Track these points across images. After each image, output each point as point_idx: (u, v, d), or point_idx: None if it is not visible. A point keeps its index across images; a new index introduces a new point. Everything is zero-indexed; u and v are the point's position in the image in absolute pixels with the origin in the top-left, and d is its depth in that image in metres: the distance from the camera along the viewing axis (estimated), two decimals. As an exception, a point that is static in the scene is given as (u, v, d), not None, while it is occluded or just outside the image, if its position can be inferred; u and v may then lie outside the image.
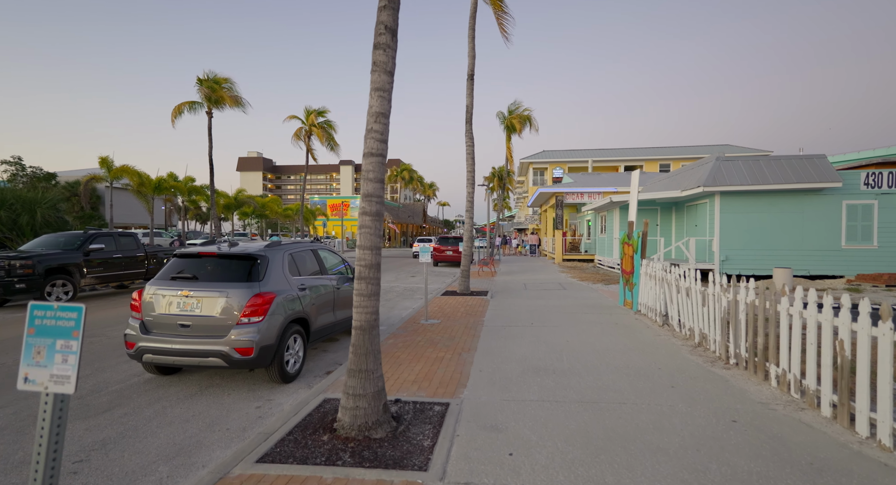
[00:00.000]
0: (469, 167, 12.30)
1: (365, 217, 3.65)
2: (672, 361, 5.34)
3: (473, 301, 10.64)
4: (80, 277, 10.79)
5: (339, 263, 7.14)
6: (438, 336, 6.95)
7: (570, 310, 9.27)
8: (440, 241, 24.10)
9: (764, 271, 14.04)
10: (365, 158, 3.73)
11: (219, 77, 20.23)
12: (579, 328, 7.37)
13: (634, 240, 9.05)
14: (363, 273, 3.64)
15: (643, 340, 6.48)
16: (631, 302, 9.18)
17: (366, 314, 3.62)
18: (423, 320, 8.21)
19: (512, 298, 11.31)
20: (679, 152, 45.65)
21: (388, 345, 6.40)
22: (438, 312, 9.14)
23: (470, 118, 12.32)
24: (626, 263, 9.49)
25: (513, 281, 15.41)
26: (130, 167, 19.13)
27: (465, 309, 9.54)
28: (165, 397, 4.53)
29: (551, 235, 28.30)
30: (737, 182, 13.81)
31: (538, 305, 10.04)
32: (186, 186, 23.82)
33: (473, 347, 6.25)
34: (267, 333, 4.61)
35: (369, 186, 3.66)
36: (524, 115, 30.05)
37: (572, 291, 12.51)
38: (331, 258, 7.01)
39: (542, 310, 9.32)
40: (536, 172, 48.39)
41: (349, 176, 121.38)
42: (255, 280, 4.81)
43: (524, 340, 6.56)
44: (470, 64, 12.18)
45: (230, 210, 28.33)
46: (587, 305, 9.85)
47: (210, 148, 20.54)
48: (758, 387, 4.33)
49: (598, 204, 19.54)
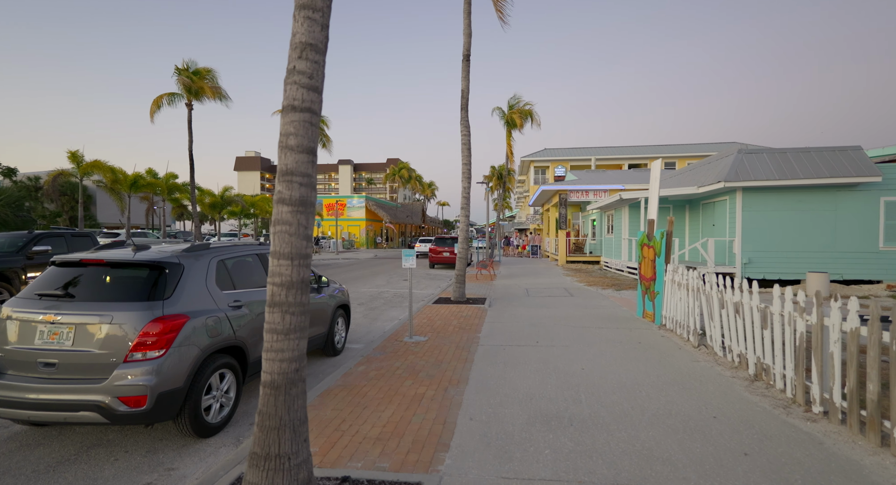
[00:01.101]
0: (465, 159, 10.96)
1: (282, 207, 2.32)
2: (729, 404, 4.00)
3: (469, 311, 9.30)
4: (20, 284, 9.46)
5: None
6: (422, 360, 5.61)
7: (580, 323, 7.92)
8: (437, 241, 22.79)
9: (791, 275, 12.70)
10: (284, 115, 2.39)
11: (199, 67, 18.90)
12: (596, 349, 6.03)
13: (657, 241, 7.71)
14: (278, 296, 2.32)
15: (679, 367, 5.14)
16: (652, 314, 7.84)
17: (281, 363, 2.28)
18: (407, 338, 6.87)
19: (513, 306, 9.96)
20: (684, 150, 44.34)
21: (357, 374, 5.06)
22: (427, 326, 7.79)
23: (466, 104, 10.98)
24: (646, 268, 8.14)
25: (514, 286, 14.07)
26: (103, 162, 17.76)
27: (459, 321, 8.20)
28: (18, 468, 3.19)
29: (554, 235, 26.95)
30: (762, 177, 12.46)
31: (543, 316, 8.69)
32: (167, 184, 22.45)
33: (464, 377, 4.91)
34: (170, 372, 3.28)
35: (290, 158, 2.33)
36: (525, 110, 28.73)
37: (580, 297, 11.16)
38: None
39: (547, 323, 7.98)
40: (538, 171, 47.08)
41: (348, 175, 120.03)
42: (159, 298, 3.47)
43: (528, 368, 5.22)
44: (466, 43, 10.85)
45: (216, 209, 26.95)
46: (600, 317, 8.50)
47: (190, 143, 19.20)
48: (874, 458, 2.98)
49: (606, 202, 18.20)
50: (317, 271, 6.04)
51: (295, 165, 2.31)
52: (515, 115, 28.08)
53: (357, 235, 51.02)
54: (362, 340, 7.30)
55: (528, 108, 28.69)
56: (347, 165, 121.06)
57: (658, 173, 8.41)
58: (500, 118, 29.29)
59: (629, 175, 25.73)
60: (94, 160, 17.51)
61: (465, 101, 10.99)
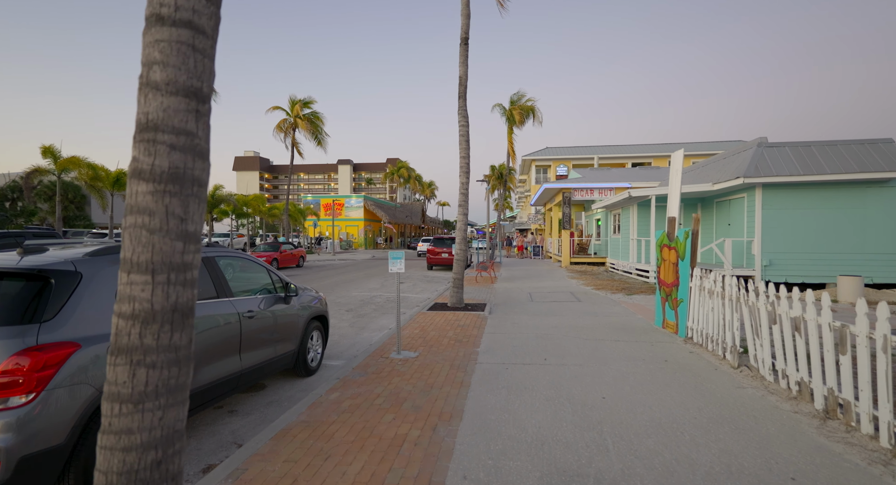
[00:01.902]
0: (463, 152, 10.02)
1: (138, 185, 1.39)
2: (805, 457, 3.06)
3: (467, 319, 8.36)
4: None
5: (264, 277, 4.90)
6: (409, 384, 4.67)
7: (593, 334, 6.97)
8: (436, 242, 21.87)
9: (815, 279, 11.75)
10: (146, 32, 1.45)
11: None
12: (616, 370, 5.09)
13: (680, 242, 6.76)
14: (125, 337, 1.38)
15: (723, 397, 4.19)
16: (674, 324, 6.90)
17: (125, 455, 1.34)
18: (395, 353, 5.93)
19: (515, 313, 9.02)
20: (689, 148, 43.35)
21: (327, 405, 4.12)
22: (419, 338, 6.85)
23: (464, 92, 10.05)
24: (667, 272, 7.20)
25: (515, 289, 13.13)
26: (81, 158, 16.78)
27: (455, 332, 7.26)
28: None
29: (557, 235, 26.01)
30: (785, 172, 11.52)
31: (549, 325, 7.75)
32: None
33: (458, 409, 3.98)
34: (43, 425, 2.35)
35: (154, 103, 1.41)
36: (527, 106, 27.80)
37: (589, 303, 10.22)
38: (247, 271, 4.77)
39: (555, 334, 7.04)
40: (539, 170, 46.17)
41: (347, 175, 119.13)
42: (35, 319, 2.54)
43: (537, 396, 4.28)
44: (464, 25, 9.93)
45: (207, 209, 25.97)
46: (614, 326, 7.56)
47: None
48: None
49: (612, 200, 17.26)
50: (284, 277, 5.11)
51: (163, 114, 1.38)
52: (517, 111, 27.16)
53: (355, 235, 50.12)
54: (344, 356, 6.36)
55: (530, 104, 27.77)
56: (347, 164, 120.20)
57: (679, 165, 7.46)
58: (502, 114, 28.38)
59: (635, 173, 24.79)
60: (71, 156, 16.50)
61: (464, 90, 10.07)
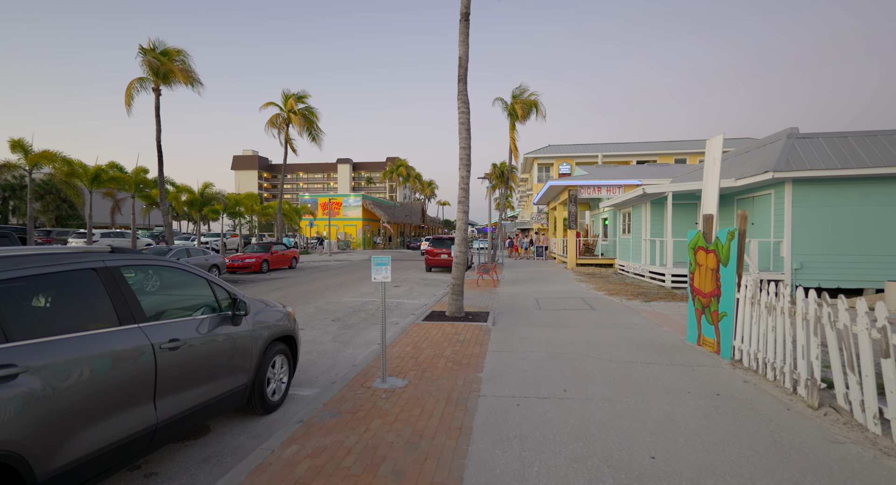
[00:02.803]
0: (463, 142, 8.92)
1: None
2: None
3: (467, 332, 7.26)
4: None
5: (201, 292, 3.80)
6: (391, 433, 3.57)
7: (618, 354, 5.87)
8: (434, 242, 20.77)
9: (852, 283, 10.65)
10: None
11: (168, 47, 16.85)
12: (658, 408, 3.98)
13: (721, 244, 5.66)
14: None
15: (818, 459, 3.09)
16: (714, 342, 5.80)
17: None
18: (379, 381, 4.84)
19: (522, 324, 7.93)
20: (696, 146, 42.33)
21: (279, 467, 3.02)
22: (410, 359, 5.75)
23: (464, 75, 8.95)
24: (704, 279, 6.09)
25: (520, 294, 12.03)
26: (54, 152, 15.70)
27: (454, 350, 6.16)
28: None
29: (561, 235, 24.91)
30: (819, 165, 10.41)
31: (564, 341, 6.65)
32: (136, 178, 20.31)
33: (454, 479, 2.88)
34: None
35: None
36: (530, 101, 26.66)
37: (604, 312, 9.12)
38: (177, 285, 3.69)
39: (572, 353, 5.94)
40: (542, 168, 45.12)
41: (347, 175, 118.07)
42: None
43: (562, 455, 3.18)
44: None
45: (195, 207, 24.82)
46: (640, 343, 6.45)
47: (158, 132, 17.13)
48: None
49: (622, 198, 16.15)
50: (232, 289, 4.01)
51: None
52: (519, 105, 26.04)
53: (353, 235, 49.05)
54: (318, 381, 5.26)
55: (533, 98, 26.64)
56: (346, 164, 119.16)
57: (718, 153, 6.37)
58: (503, 109, 27.27)
59: (645, 170, 23.68)
60: (43, 151, 15.45)
61: (464, 72, 8.96)
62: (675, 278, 12.79)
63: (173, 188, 24.37)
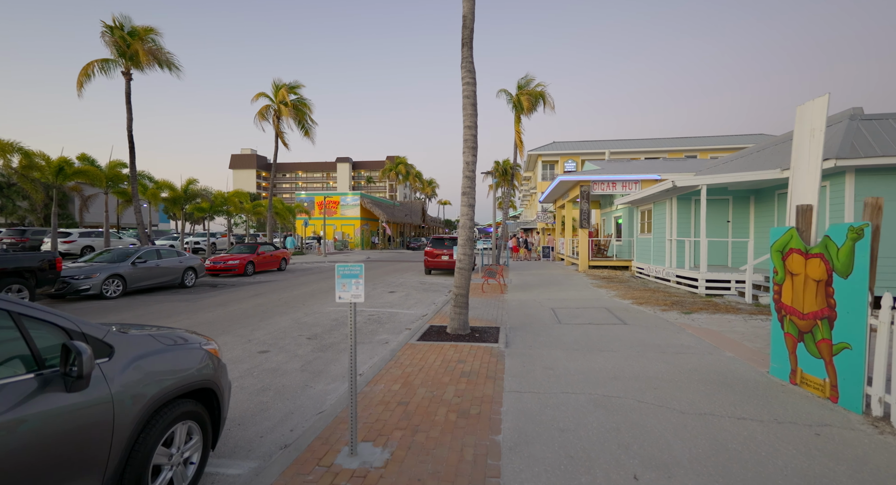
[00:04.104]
0: (468, 120, 7.25)
1: None
2: None
3: (474, 359, 5.62)
4: None
5: (7, 337, 2.12)
6: None
7: (686, 398, 4.22)
8: (434, 242, 19.06)
9: (928, 292, 8.95)
10: None
11: (137, 26, 15.16)
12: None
13: (837, 246, 4.00)
14: None
15: None
16: (824, 383, 4.14)
17: None
18: (346, 454, 3.19)
19: (543, 345, 6.28)
20: (707, 143, 40.71)
21: None
22: (396, 407, 4.10)
23: (469, 38, 7.30)
24: (804, 294, 4.43)
25: (532, 302, 10.37)
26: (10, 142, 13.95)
27: (457, 391, 4.50)
28: None
29: (570, 235, 23.25)
30: (893, 151, 8.74)
31: (603, 373, 5.00)
32: (110, 173, 18.58)
33: None
34: None
35: None
36: (537, 92, 24.98)
37: (640, 327, 7.46)
38: None
39: (623, 396, 4.29)
40: (546, 166, 43.47)
41: (346, 174, 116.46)
42: None
43: None
44: (469, -57, 7.17)
45: (177, 205, 23.13)
46: (709, 379, 4.80)
47: (129, 121, 15.48)
48: None
49: (645, 193, 14.47)
50: (75, 324, 2.35)
51: None
52: (525, 96, 24.37)
53: (351, 235, 47.40)
54: (262, 446, 3.60)
55: (540, 89, 24.98)
56: (346, 162, 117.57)
57: (820, 121, 4.72)
58: (508, 101, 25.59)
59: (661, 165, 22.01)
60: (-6, 140, 13.86)
61: (469, 34, 7.31)
62: (711, 284, 11.14)
63: (152, 184, 22.71)
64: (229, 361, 5.90)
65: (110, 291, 11.71)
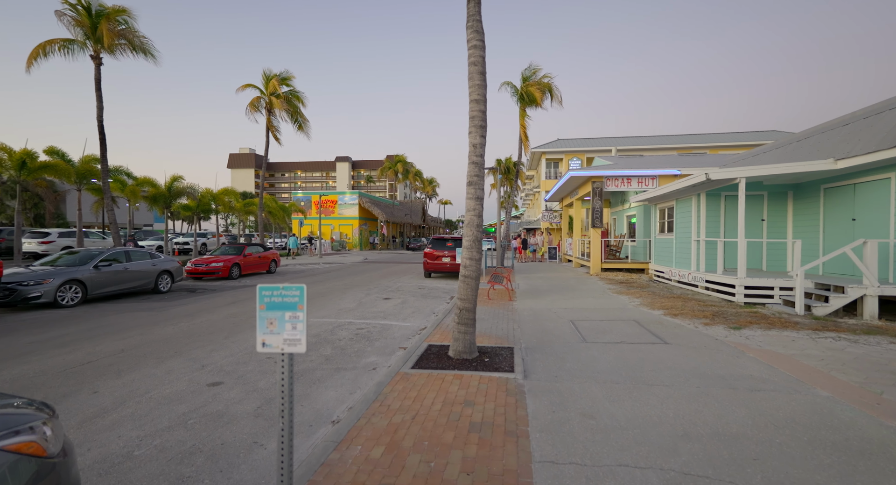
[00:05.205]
0: (475, 92, 5.84)
1: None
2: None
3: (485, 401, 4.22)
4: None
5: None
6: None
7: (807, 477, 2.82)
8: (434, 243, 17.63)
9: None
10: None
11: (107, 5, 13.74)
12: None
13: None
14: None
15: None
16: None
17: None
18: None
19: (572, 376, 4.87)
20: (715, 140, 39.32)
21: None
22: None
23: (477, -8, 5.89)
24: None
25: (546, 312, 8.97)
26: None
27: (463, 465, 3.09)
28: None
29: (579, 235, 21.85)
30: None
31: (666, 425, 3.60)
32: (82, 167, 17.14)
33: None
34: None
35: None
36: (543, 83, 23.54)
37: (686, 348, 6.06)
38: None
39: (703, 469, 2.89)
40: (550, 164, 42.16)
41: (346, 173, 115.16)
42: None
43: None
44: None
45: (158, 203, 21.71)
46: (817, 437, 3.39)
47: (99, 109, 14.08)
48: None
49: (668, 189, 13.07)
50: None
51: None
52: (532, 88, 22.96)
53: (349, 235, 46.01)
54: None
55: (546, 80, 23.56)
56: (345, 162, 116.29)
57: None
58: (512, 94, 24.17)
59: (677, 160, 20.60)
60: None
61: (477, -13, 5.90)
62: (751, 292, 9.73)
63: (132, 181, 21.32)
64: (166, 399, 4.52)
65: (67, 298, 10.32)
